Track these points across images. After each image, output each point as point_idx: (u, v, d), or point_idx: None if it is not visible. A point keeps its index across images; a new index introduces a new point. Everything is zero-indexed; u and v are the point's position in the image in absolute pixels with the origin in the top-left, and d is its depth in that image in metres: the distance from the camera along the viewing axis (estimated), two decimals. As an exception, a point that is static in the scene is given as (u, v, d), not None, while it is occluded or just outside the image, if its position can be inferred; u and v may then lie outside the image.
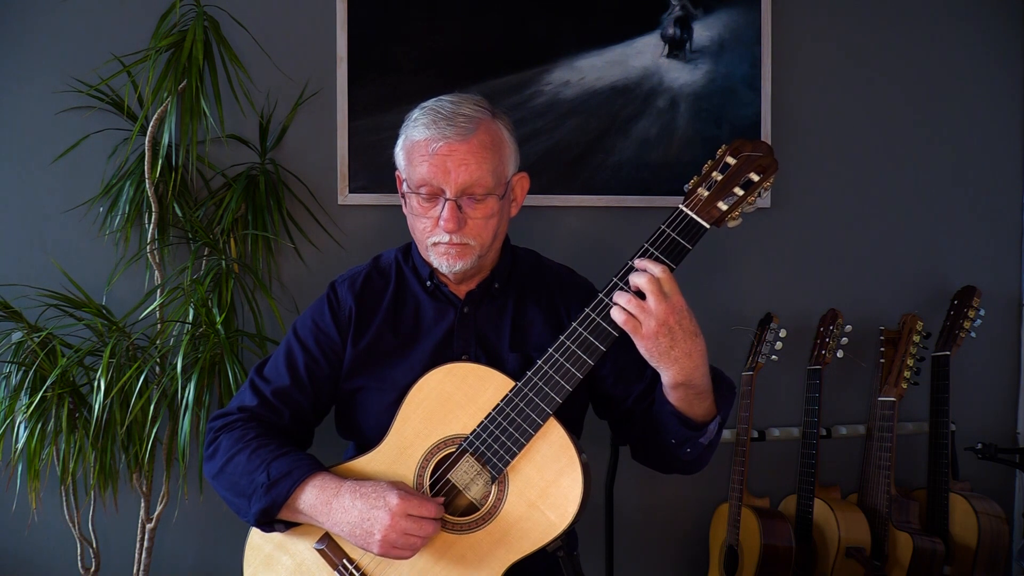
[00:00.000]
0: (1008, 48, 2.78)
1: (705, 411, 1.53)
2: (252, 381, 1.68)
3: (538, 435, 1.47)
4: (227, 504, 1.59)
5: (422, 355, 1.66)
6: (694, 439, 1.54)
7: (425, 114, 1.59)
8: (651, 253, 1.48)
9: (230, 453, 1.57)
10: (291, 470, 1.51)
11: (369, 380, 1.66)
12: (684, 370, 1.45)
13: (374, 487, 1.47)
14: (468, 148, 1.55)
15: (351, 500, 1.47)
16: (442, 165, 1.55)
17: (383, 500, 1.44)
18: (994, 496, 2.51)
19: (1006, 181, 2.79)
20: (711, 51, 2.57)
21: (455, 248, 1.59)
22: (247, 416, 1.63)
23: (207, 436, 1.63)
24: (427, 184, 1.57)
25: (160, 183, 2.20)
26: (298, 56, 2.37)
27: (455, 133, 1.55)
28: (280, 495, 1.50)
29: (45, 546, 2.33)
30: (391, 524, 1.42)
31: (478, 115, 1.59)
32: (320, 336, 1.69)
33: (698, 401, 1.51)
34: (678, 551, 2.66)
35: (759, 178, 1.51)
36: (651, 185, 2.54)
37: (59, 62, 2.28)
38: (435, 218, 1.59)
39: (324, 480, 1.51)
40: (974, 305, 2.53)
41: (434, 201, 1.59)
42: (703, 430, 1.53)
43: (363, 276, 1.74)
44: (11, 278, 2.25)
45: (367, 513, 1.45)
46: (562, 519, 1.46)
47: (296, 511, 1.51)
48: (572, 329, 1.50)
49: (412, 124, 1.61)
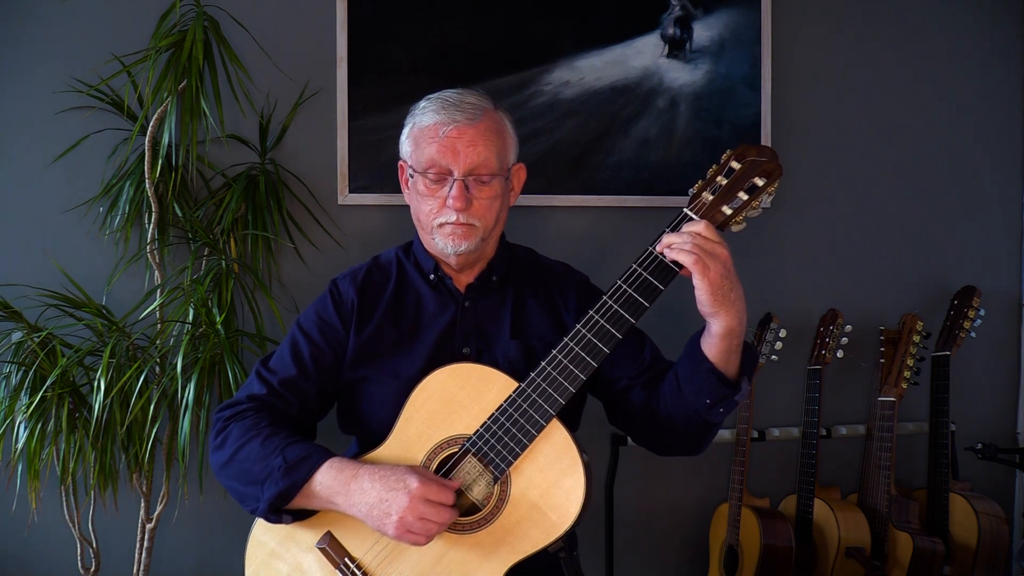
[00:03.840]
0: (1008, 48, 2.79)
1: (737, 368, 1.55)
2: (258, 372, 1.69)
3: (541, 436, 1.48)
4: (233, 495, 1.59)
5: (424, 347, 1.68)
6: (730, 396, 1.55)
7: (432, 102, 1.66)
8: (655, 257, 1.50)
9: (241, 441, 1.57)
10: (309, 454, 1.52)
11: (371, 371, 1.68)
12: (739, 313, 1.48)
13: (393, 470, 1.48)
14: (476, 131, 1.63)
15: (369, 482, 1.47)
16: (451, 146, 1.61)
17: (403, 483, 1.45)
18: (994, 496, 2.51)
19: (1006, 181, 2.80)
20: (711, 51, 2.57)
21: (461, 228, 1.64)
22: (258, 405, 1.64)
23: (215, 426, 1.63)
24: (435, 165, 1.63)
25: (160, 183, 2.20)
26: (298, 56, 2.37)
27: (464, 117, 1.62)
28: (300, 477, 1.50)
29: (45, 546, 2.33)
30: (409, 506, 1.43)
31: (482, 104, 1.66)
32: (324, 327, 1.71)
33: (735, 354, 1.53)
34: (678, 551, 2.66)
35: (763, 183, 1.52)
36: (651, 185, 2.54)
37: (59, 62, 2.28)
38: (442, 199, 1.64)
39: (342, 463, 1.51)
40: (974, 305, 2.54)
41: (441, 183, 1.64)
42: (738, 387, 1.55)
43: (364, 271, 1.78)
44: (11, 278, 2.25)
45: (385, 494, 1.45)
46: (564, 520, 1.46)
47: (312, 495, 1.51)
48: (575, 331, 1.50)
49: (420, 112, 1.68)
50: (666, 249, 1.47)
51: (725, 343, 1.50)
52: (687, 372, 1.57)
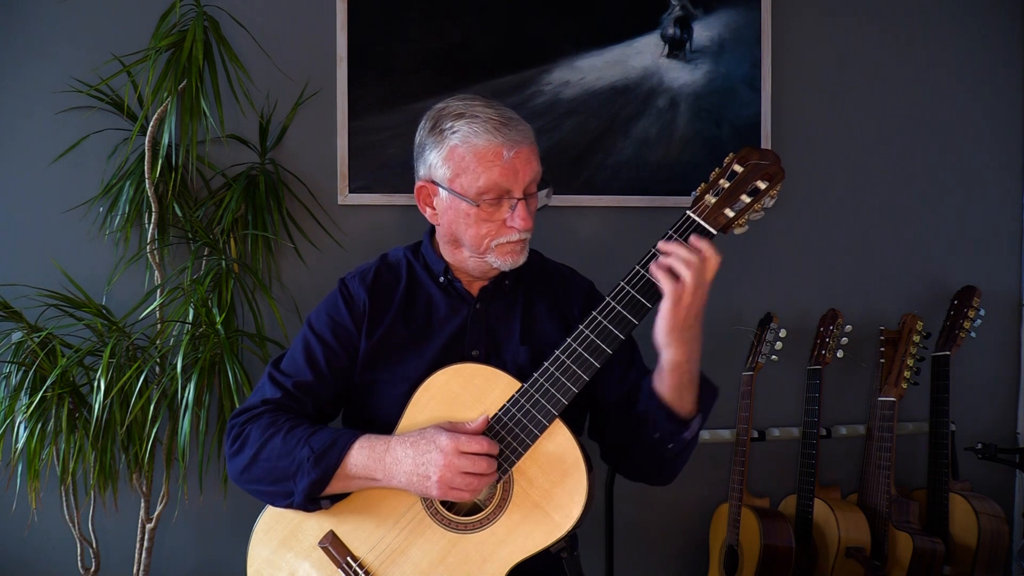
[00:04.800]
0: (1008, 48, 2.79)
1: (690, 405, 1.54)
2: (271, 375, 1.66)
3: (544, 436, 1.48)
4: (259, 497, 1.57)
5: (435, 350, 1.67)
6: (678, 433, 1.55)
7: (479, 123, 1.58)
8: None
9: (262, 440, 1.55)
10: (335, 439, 1.51)
11: (382, 374, 1.66)
12: (692, 350, 1.49)
13: (422, 433, 1.48)
14: (531, 148, 1.61)
15: (403, 450, 1.47)
16: (513, 168, 1.58)
17: (433, 443, 1.45)
18: (994, 496, 2.51)
19: (1006, 181, 2.80)
20: (711, 51, 2.57)
21: (519, 244, 1.63)
22: (273, 407, 1.61)
23: (230, 433, 1.60)
24: (496, 189, 1.58)
25: (160, 183, 2.20)
26: (298, 56, 2.37)
27: (523, 137, 1.60)
28: (331, 464, 1.49)
29: (45, 546, 2.32)
30: (445, 463, 1.43)
31: (518, 115, 1.63)
32: (337, 329, 1.68)
33: (687, 391, 1.53)
34: (678, 551, 2.66)
35: (766, 186, 1.52)
36: (651, 185, 2.54)
37: (59, 62, 2.27)
38: (501, 220, 1.61)
39: (371, 440, 1.51)
40: (974, 305, 2.54)
41: (498, 204, 1.60)
42: (687, 425, 1.55)
43: (373, 271, 1.75)
44: (11, 278, 2.25)
45: (420, 459, 1.45)
46: (566, 520, 1.46)
47: (348, 477, 1.51)
48: (578, 332, 1.51)
49: (461, 134, 1.58)
50: (663, 259, 1.46)
51: (674, 378, 1.50)
52: (643, 404, 1.58)
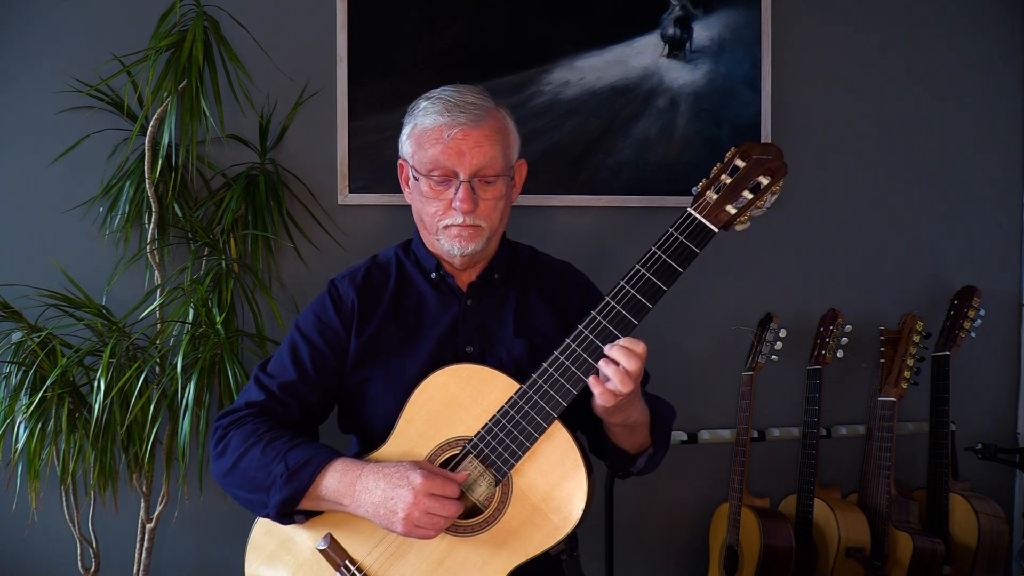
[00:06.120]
0: (1008, 48, 2.79)
1: (639, 443, 1.64)
2: (257, 378, 1.67)
3: (543, 438, 1.47)
4: (239, 502, 1.58)
5: (426, 346, 1.67)
6: (631, 464, 1.68)
7: (434, 103, 1.64)
8: (658, 257, 1.49)
9: (242, 448, 1.55)
10: (310, 458, 1.51)
11: (374, 372, 1.66)
12: (630, 413, 1.54)
13: (396, 467, 1.48)
14: (481, 132, 1.61)
15: (374, 481, 1.47)
16: (457, 149, 1.60)
17: (406, 479, 1.45)
18: (994, 496, 2.51)
19: (1006, 181, 2.80)
20: (711, 51, 2.57)
21: (467, 230, 1.63)
22: (256, 411, 1.62)
23: (214, 435, 1.61)
24: (440, 167, 1.61)
25: (160, 183, 2.20)
26: (298, 56, 2.37)
27: (468, 119, 1.60)
28: (302, 483, 1.49)
29: (45, 546, 2.32)
30: (414, 502, 1.42)
31: (484, 103, 1.64)
32: (324, 329, 1.69)
33: (637, 432, 1.61)
34: (678, 551, 2.66)
35: (768, 181, 1.50)
36: (651, 185, 2.54)
37: (59, 62, 2.27)
38: (447, 201, 1.63)
39: (345, 464, 1.51)
40: (974, 305, 2.54)
41: (446, 184, 1.62)
42: (634, 461, 1.66)
43: (363, 271, 1.76)
44: (11, 278, 2.25)
45: (390, 492, 1.45)
46: (566, 523, 1.46)
47: (318, 498, 1.51)
48: (577, 332, 1.50)
49: (421, 113, 1.65)
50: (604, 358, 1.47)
51: (619, 429, 1.59)
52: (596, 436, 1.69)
